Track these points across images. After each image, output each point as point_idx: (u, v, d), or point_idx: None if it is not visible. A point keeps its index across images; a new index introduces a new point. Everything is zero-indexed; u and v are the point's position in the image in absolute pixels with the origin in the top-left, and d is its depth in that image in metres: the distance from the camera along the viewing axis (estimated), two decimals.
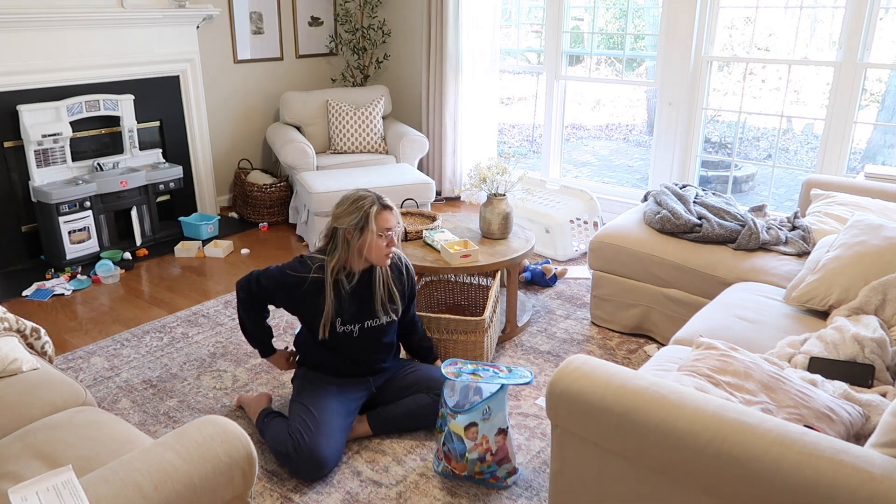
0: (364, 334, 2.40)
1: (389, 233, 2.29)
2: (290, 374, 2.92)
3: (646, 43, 6.53)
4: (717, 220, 3.01)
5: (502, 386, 2.17)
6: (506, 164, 3.27)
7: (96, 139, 4.29)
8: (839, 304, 2.32)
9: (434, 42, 5.06)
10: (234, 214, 5.07)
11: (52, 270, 3.94)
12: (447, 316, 2.76)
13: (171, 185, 4.43)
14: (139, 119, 4.39)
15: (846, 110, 3.78)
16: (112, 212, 4.20)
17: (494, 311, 2.93)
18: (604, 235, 3.20)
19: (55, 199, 3.84)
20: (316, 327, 2.34)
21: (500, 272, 3.12)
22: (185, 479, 1.38)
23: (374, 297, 2.38)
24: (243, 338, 3.22)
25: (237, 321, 3.40)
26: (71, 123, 4.00)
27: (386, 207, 2.30)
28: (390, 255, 2.34)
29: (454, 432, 2.17)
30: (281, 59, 5.36)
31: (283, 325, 3.36)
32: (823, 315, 2.39)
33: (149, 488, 1.33)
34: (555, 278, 3.84)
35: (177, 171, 4.43)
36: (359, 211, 2.26)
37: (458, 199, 5.43)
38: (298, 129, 5.05)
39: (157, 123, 4.59)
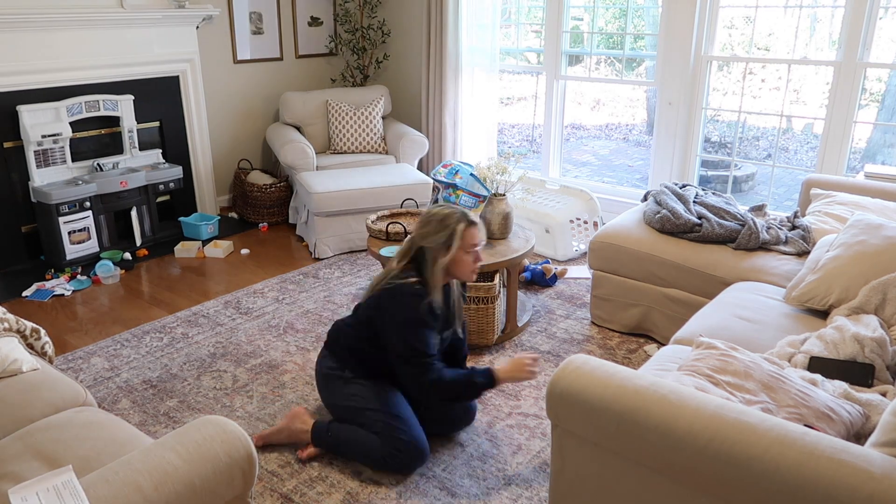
0: (442, 345, 2.40)
1: (476, 248, 2.29)
2: (290, 374, 2.92)
3: (645, 43, 6.54)
4: (717, 219, 3.01)
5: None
6: (506, 164, 3.27)
7: (96, 139, 4.29)
8: (839, 304, 2.32)
9: (434, 42, 5.06)
10: (233, 214, 5.07)
11: (52, 271, 3.94)
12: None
13: (171, 185, 4.43)
14: (139, 119, 4.39)
15: (846, 110, 3.78)
16: (112, 212, 4.20)
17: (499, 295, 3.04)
18: (604, 235, 3.20)
19: (55, 199, 3.84)
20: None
21: (499, 272, 3.12)
22: (185, 479, 1.38)
23: (451, 309, 2.38)
24: (243, 338, 3.23)
25: (238, 322, 3.40)
26: (71, 124, 4.00)
27: (472, 224, 2.27)
28: (477, 270, 2.35)
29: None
30: (281, 59, 5.36)
31: (283, 325, 3.36)
32: (823, 315, 2.39)
33: (149, 488, 1.33)
34: (555, 278, 3.84)
35: (177, 172, 4.43)
36: (446, 229, 2.24)
37: None
38: (298, 129, 5.05)
39: (156, 124, 4.59)
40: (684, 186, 3.38)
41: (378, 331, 2.30)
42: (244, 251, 4.35)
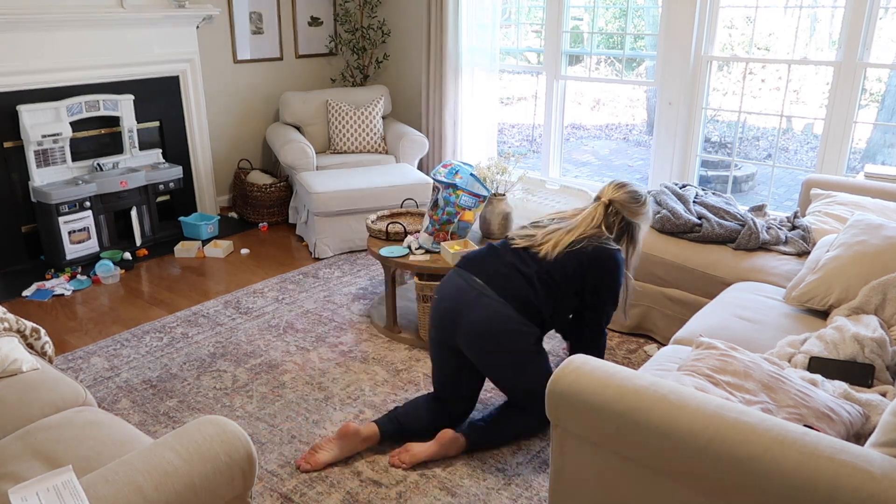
0: None
1: None
2: (290, 374, 2.92)
3: (645, 43, 6.53)
4: (717, 219, 3.01)
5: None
6: (506, 164, 3.27)
7: (96, 139, 4.29)
8: (839, 304, 2.32)
9: (434, 42, 5.06)
10: (233, 214, 5.07)
11: (52, 270, 3.94)
12: None
13: (171, 185, 4.43)
14: (139, 119, 4.39)
15: (846, 110, 3.78)
16: (112, 212, 4.20)
17: None
18: None
19: (55, 199, 3.84)
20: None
21: None
22: (185, 479, 1.38)
23: None
24: (243, 338, 3.23)
25: (238, 322, 3.40)
26: (71, 123, 4.00)
27: None
28: None
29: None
30: (281, 59, 5.36)
31: (283, 325, 3.36)
32: (823, 315, 2.39)
33: (149, 488, 1.33)
34: None
35: (177, 171, 4.43)
36: (649, 211, 2.47)
37: None
38: (298, 129, 5.05)
39: (156, 123, 4.59)
40: (684, 186, 3.38)
41: (587, 285, 2.35)
42: (244, 251, 4.36)
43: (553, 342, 3.19)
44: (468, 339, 2.29)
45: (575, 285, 2.34)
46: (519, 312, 2.27)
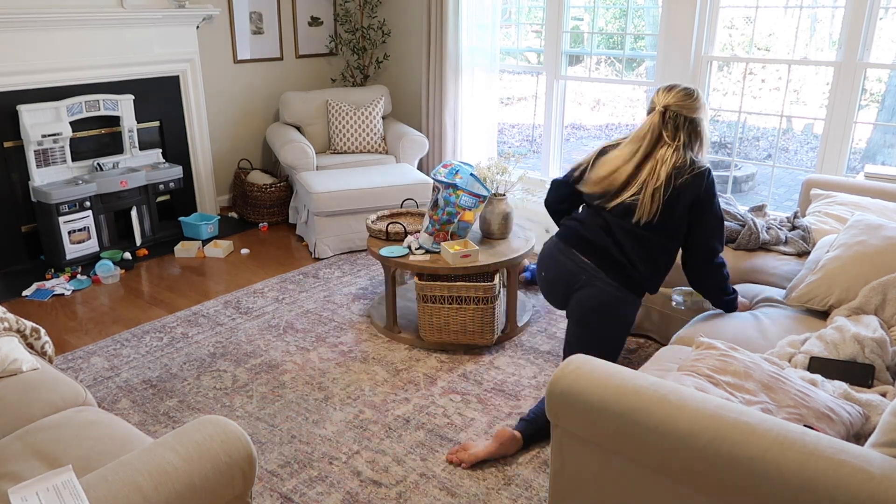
0: None
1: None
2: (290, 374, 2.92)
3: (646, 43, 6.53)
4: None
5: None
6: (506, 164, 3.27)
7: (96, 139, 4.29)
8: (839, 304, 2.32)
9: (434, 42, 5.06)
10: (233, 214, 5.07)
11: (52, 270, 3.94)
12: (459, 283, 2.98)
13: (171, 185, 4.43)
14: (139, 119, 4.39)
15: (846, 110, 3.77)
16: (112, 212, 4.20)
17: (499, 293, 3.10)
18: None
19: (55, 199, 3.84)
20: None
21: (499, 272, 3.12)
22: (185, 479, 1.38)
23: None
24: (243, 338, 3.23)
25: (238, 322, 3.40)
26: (71, 123, 4.00)
27: None
28: None
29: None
30: (281, 59, 5.36)
31: (283, 325, 3.36)
32: (823, 315, 2.39)
33: (149, 488, 1.33)
34: None
35: (177, 171, 4.43)
36: (705, 102, 2.40)
37: None
38: (298, 129, 5.05)
39: (156, 123, 4.59)
40: None
41: (694, 211, 2.33)
42: (244, 251, 4.36)
43: (554, 342, 3.19)
44: (577, 313, 2.47)
45: (683, 227, 2.36)
46: (624, 288, 2.41)
